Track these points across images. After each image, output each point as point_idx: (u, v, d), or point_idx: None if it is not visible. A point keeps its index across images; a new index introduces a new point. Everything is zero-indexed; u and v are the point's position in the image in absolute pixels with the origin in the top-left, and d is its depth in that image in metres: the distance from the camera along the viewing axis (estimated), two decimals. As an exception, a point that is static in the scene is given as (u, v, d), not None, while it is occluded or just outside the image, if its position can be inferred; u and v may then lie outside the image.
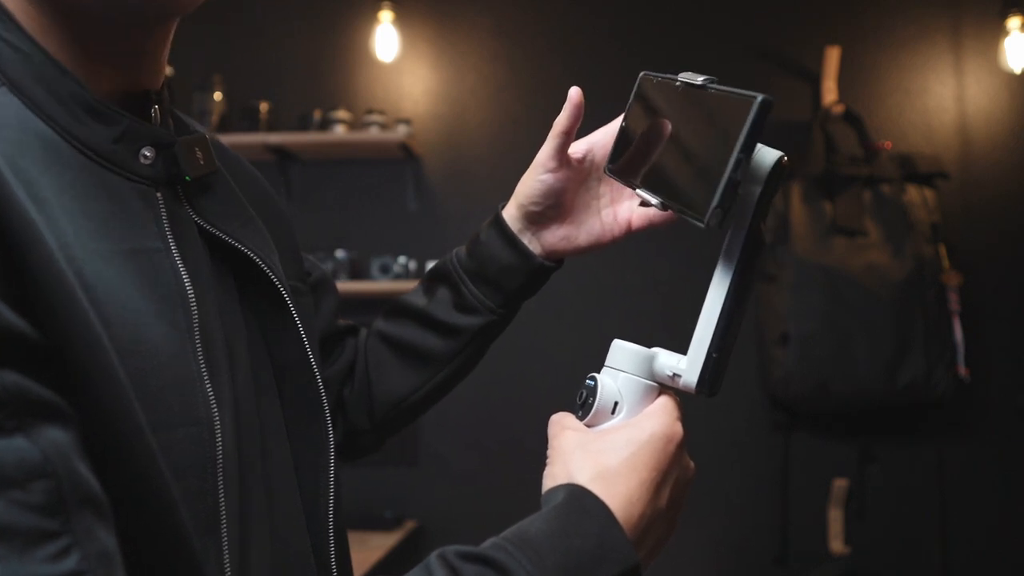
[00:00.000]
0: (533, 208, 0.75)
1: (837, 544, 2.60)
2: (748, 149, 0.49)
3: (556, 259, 0.78)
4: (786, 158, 0.53)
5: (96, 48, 0.51)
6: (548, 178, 0.74)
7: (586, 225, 0.76)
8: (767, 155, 0.53)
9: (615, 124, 0.72)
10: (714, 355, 0.54)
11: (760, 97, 0.49)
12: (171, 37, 0.56)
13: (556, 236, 0.76)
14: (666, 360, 0.57)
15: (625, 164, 0.65)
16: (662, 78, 0.62)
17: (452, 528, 2.73)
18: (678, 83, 0.59)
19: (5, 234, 0.39)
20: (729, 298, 0.54)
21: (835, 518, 2.62)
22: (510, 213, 0.77)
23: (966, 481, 2.65)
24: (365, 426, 0.82)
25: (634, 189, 0.61)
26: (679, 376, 0.56)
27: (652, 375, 0.57)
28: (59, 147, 0.48)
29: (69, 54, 0.50)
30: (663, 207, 0.56)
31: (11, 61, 0.47)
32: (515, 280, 0.76)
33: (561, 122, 0.73)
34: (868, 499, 2.66)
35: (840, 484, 2.63)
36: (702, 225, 0.51)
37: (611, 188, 0.77)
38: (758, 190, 0.53)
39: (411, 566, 0.46)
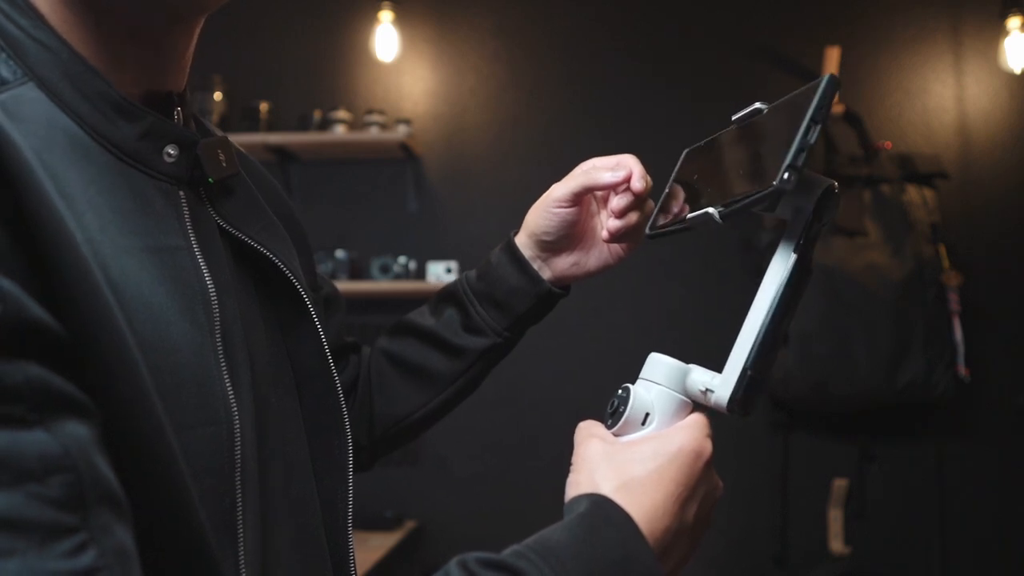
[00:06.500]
0: (546, 238, 0.77)
1: (837, 544, 2.60)
2: (819, 118, 0.49)
3: (563, 286, 0.80)
4: (836, 186, 0.53)
5: (121, 47, 0.51)
6: (563, 212, 0.75)
7: (595, 249, 0.79)
8: (819, 180, 0.53)
9: (625, 158, 0.74)
10: (748, 373, 0.53)
11: (828, 75, 0.49)
12: (195, 39, 0.56)
13: (567, 263, 0.79)
14: (699, 376, 0.56)
15: (668, 214, 0.65)
16: (706, 141, 0.64)
17: (452, 528, 2.71)
18: (731, 126, 0.60)
19: (32, 226, 0.38)
20: (770, 318, 0.53)
21: (835, 518, 2.62)
22: (522, 241, 0.79)
23: (966, 481, 2.65)
24: (363, 443, 0.82)
25: (685, 222, 0.60)
26: (711, 392, 0.54)
27: (686, 390, 0.56)
28: (85, 143, 0.48)
29: (95, 53, 0.50)
30: (723, 215, 0.54)
31: (39, 58, 0.47)
32: (523, 303, 0.78)
33: (601, 178, 0.73)
34: (868, 499, 2.66)
35: (840, 484, 2.63)
36: (773, 187, 0.48)
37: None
38: (810, 207, 0.53)
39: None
